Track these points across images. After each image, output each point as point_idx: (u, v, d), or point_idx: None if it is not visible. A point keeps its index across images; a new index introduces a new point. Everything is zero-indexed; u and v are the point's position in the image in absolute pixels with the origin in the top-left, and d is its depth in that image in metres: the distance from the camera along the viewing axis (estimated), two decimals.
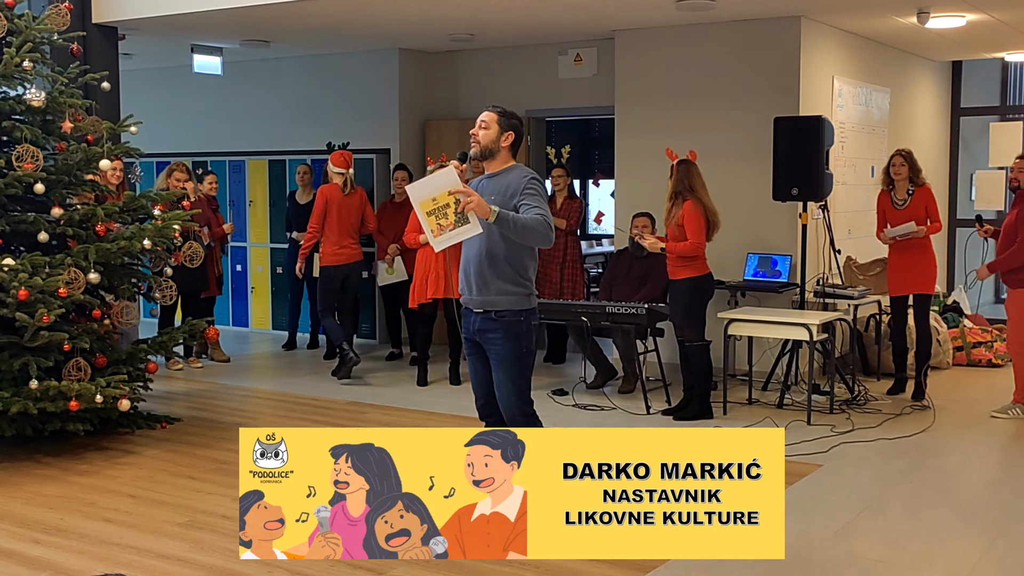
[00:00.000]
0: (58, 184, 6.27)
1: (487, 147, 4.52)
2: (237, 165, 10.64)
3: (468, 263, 4.53)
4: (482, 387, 4.64)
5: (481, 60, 9.95)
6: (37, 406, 5.79)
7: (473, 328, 4.56)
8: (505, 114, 4.55)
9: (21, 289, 5.63)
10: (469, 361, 4.68)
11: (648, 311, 7.14)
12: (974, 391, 7.83)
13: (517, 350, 4.49)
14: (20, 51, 6.13)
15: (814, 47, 8.19)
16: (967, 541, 4.65)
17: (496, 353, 4.50)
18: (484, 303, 4.49)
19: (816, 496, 5.29)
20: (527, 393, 4.55)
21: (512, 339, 4.47)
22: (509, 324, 4.46)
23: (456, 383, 8.05)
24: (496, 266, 4.45)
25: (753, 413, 7.07)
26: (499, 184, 4.49)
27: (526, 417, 4.52)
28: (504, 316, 4.46)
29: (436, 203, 4.26)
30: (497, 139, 4.51)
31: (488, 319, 4.49)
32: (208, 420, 7.00)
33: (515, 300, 4.47)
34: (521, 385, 4.52)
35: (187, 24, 8.33)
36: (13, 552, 4.53)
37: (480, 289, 4.49)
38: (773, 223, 8.06)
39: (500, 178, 4.51)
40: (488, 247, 4.45)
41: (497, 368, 4.52)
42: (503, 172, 4.53)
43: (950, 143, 11.34)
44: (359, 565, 4.32)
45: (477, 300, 4.51)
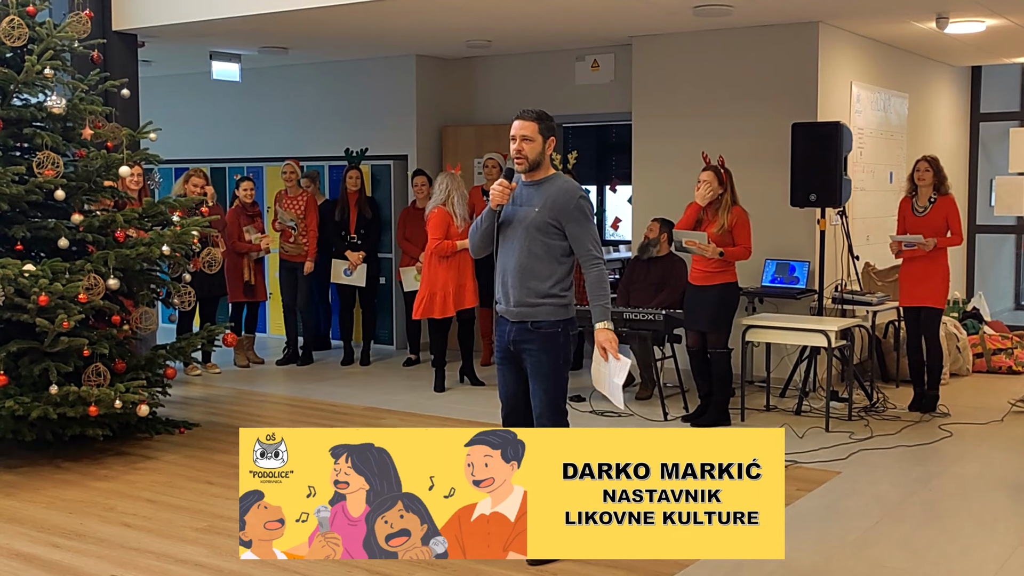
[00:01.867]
0: (78, 190, 6.31)
1: (535, 160, 4.41)
2: (255, 171, 10.67)
3: (505, 274, 4.44)
4: (509, 397, 4.57)
5: (498, 66, 9.96)
6: (57, 411, 5.83)
7: (508, 338, 4.46)
8: (542, 118, 4.42)
9: (41, 295, 5.66)
10: (499, 370, 4.58)
11: (666, 317, 7.12)
12: (994, 398, 7.78)
13: (554, 361, 4.41)
14: (41, 59, 6.17)
15: (832, 52, 8.17)
16: (987, 549, 4.62)
17: (532, 364, 4.42)
18: (521, 314, 4.40)
19: (834, 503, 5.26)
20: (562, 405, 4.46)
21: (549, 351, 4.39)
22: (546, 336, 4.38)
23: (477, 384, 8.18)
24: (534, 277, 4.38)
25: (771, 420, 7.05)
26: (543, 194, 4.39)
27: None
28: (541, 327, 4.38)
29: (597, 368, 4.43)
30: (543, 150, 4.42)
31: (524, 330, 4.40)
32: (226, 425, 7.02)
33: (552, 311, 4.39)
34: (556, 397, 4.43)
35: (206, 31, 8.37)
36: (33, 556, 4.55)
37: (517, 300, 4.41)
38: (791, 229, 8.04)
39: (544, 187, 4.42)
40: (525, 258, 4.38)
41: (533, 379, 4.44)
42: (546, 181, 4.43)
43: (969, 148, 11.28)
44: (376, 570, 4.32)
45: (514, 311, 4.42)
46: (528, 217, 4.38)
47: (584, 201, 4.40)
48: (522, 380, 4.50)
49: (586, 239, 4.39)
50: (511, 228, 4.41)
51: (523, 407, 4.52)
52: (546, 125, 4.42)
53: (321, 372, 8.97)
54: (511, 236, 4.42)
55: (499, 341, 4.54)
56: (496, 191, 4.38)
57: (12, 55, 6.35)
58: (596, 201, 14.87)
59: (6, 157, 6.18)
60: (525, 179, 4.47)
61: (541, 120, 4.41)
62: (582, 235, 4.38)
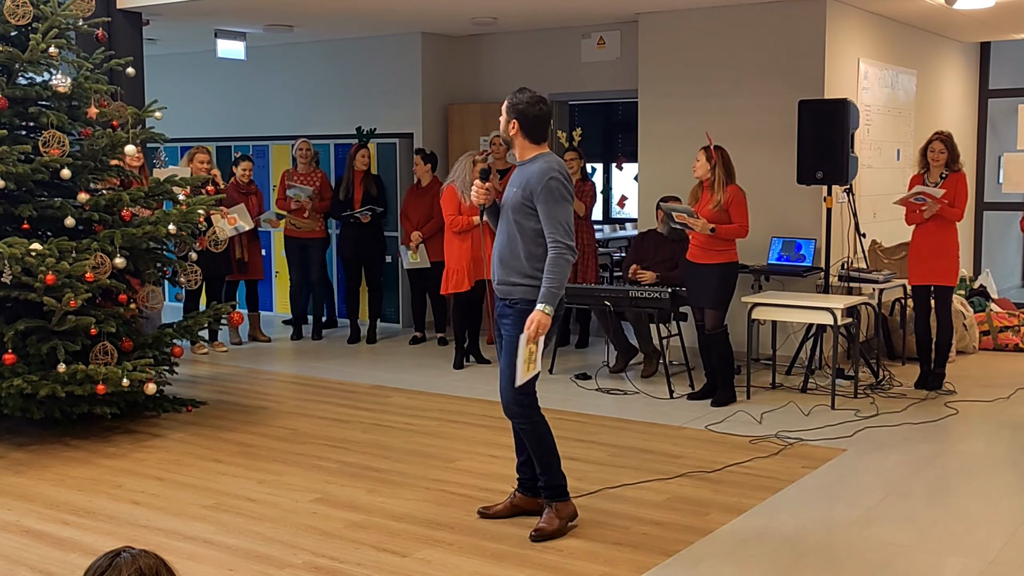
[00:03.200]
0: (84, 169, 6.31)
1: (504, 139, 4.56)
2: (261, 150, 10.67)
3: (495, 251, 4.55)
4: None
5: (504, 44, 9.93)
6: (65, 389, 5.85)
7: (496, 313, 4.59)
8: (513, 99, 4.42)
9: (48, 274, 5.68)
10: (496, 344, 4.70)
11: (672, 295, 7.12)
12: (1000, 376, 7.78)
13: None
14: (46, 37, 6.16)
15: (839, 29, 8.13)
16: (992, 527, 4.62)
17: (505, 340, 4.51)
18: (503, 290, 4.51)
19: (840, 481, 5.27)
20: (528, 383, 4.45)
21: (519, 328, 4.40)
22: (520, 313, 4.42)
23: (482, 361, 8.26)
24: (514, 256, 4.44)
25: (777, 397, 7.06)
26: (522, 176, 4.43)
27: (520, 407, 4.47)
28: (517, 304, 4.45)
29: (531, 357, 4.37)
30: (506, 128, 4.48)
31: (505, 305, 4.50)
32: (233, 404, 7.05)
33: (528, 291, 4.41)
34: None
35: (211, 9, 8.35)
36: (43, 533, 4.58)
37: (500, 276, 4.51)
38: (797, 207, 8.02)
39: (524, 168, 4.45)
40: (508, 237, 4.47)
41: (503, 355, 4.52)
42: (528, 162, 4.46)
43: (978, 125, 11.23)
44: (384, 547, 4.35)
45: (499, 288, 4.54)
46: (512, 200, 4.45)
47: (554, 182, 4.32)
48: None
49: (549, 220, 4.32)
50: (502, 209, 4.53)
51: None
52: (512, 107, 4.41)
53: (328, 350, 8.99)
54: (501, 218, 4.54)
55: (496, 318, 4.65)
56: (474, 194, 4.54)
57: (17, 34, 6.35)
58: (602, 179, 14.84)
59: (12, 136, 6.17)
60: (518, 160, 4.55)
61: (511, 100, 4.44)
62: (546, 215, 4.33)
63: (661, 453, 5.76)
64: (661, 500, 4.96)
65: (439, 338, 9.16)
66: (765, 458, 5.64)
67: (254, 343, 9.32)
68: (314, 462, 5.64)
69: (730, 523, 4.65)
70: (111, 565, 1.95)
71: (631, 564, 4.17)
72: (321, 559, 4.24)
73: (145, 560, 1.96)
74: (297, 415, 6.71)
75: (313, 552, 4.32)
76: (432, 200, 8.87)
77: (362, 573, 4.10)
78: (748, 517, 4.73)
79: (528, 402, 4.49)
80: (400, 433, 6.24)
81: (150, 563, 1.97)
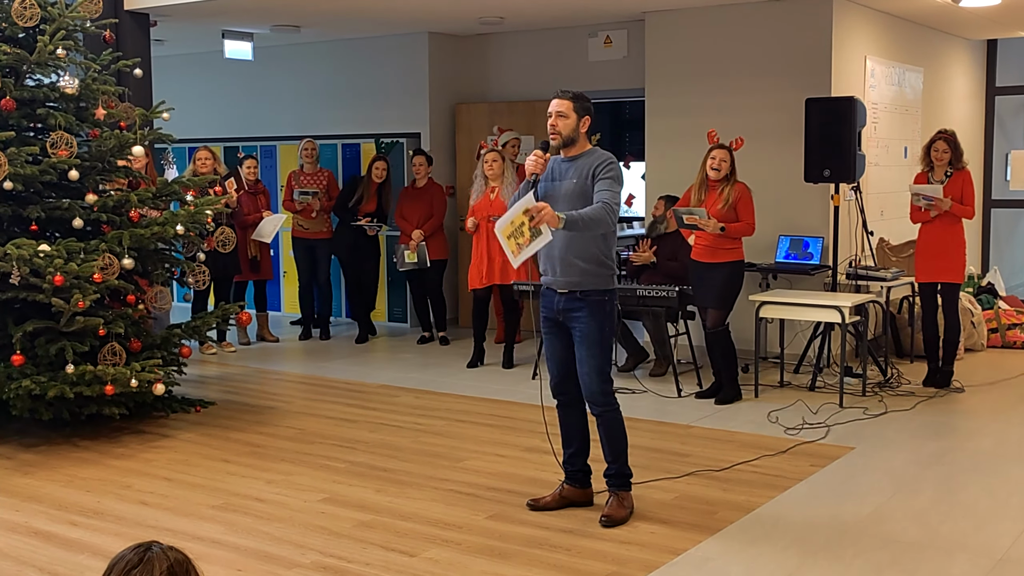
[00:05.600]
0: (92, 171, 6.33)
1: (568, 136, 4.62)
2: (268, 150, 10.69)
3: (552, 246, 4.57)
4: (559, 365, 4.75)
5: (511, 43, 9.93)
6: (74, 390, 5.86)
7: (556, 307, 4.65)
8: (578, 98, 4.64)
9: (57, 275, 5.69)
10: (546, 340, 4.77)
11: (679, 294, 7.12)
12: (1008, 373, 7.76)
13: (600, 329, 4.59)
14: (53, 39, 6.17)
15: (846, 27, 8.12)
16: (1001, 524, 4.61)
17: (580, 332, 4.59)
18: (569, 283, 4.59)
19: (849, 479, 5.26)
20: (608, 372, 4.64)
21: (596, 318, 4.57)
22: (594, 304, 4.57)
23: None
24: (582, 248, 4.54)
25: (785, 396, 7.05)
26: (580, 167, 4.58)
27: (604, 396, 4.63)
28: (589, 296, 4.57)
29: (513, 225, 4.41)
30: (576, 127, 4.62)
31: (573, 299, 4.59)
32: (242, 404, 7.06)
33: (599, 280, 4.58)
34: (602, 363, 4.61)
35: (218, 10, 8.36)
36: (52, 534, 4.59)
37: (565, 270, 4.59)
38: (805, 205, 8.01)
39: (581, 161, 4.60)
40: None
41: (580, 346, 4.61)
42: (584, 155, 4.62)
43: (985, 122, 11.20)
44: (392, 547, 4.35)
45: (562, 281, 4.61)
46: (568, 190, 4.57)
47: (613, 163, 4.57)
48: (570, 347, 4.69)
49: (607, 191, 4.50)
50: (552, 201, 4.53)
51: (573, 373, 4.71)
52: (581, 104, 4.65)
53: (336, 350, 9.00)
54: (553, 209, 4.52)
55: (546, 311, 4.73)
56: (530, 161, 4.58)
57: (25, 35, 6.36)
58: None
59: (20, 138, 6.19)
60: (563, 155, 4.68)
61: (576, 99, 4.63)
62: (605, 188, 4.51)
63: (669, 452, 5.75)
64: (669, 499, 4.95)
65: (441, 337, 9.16)
66: (773, 456, 5.64)
67: (262, 343, 9.33)
68: (322, 462, 5.64)
69: (738, 521, 4.64)
70: (142, 560, 1.93)
71: (639, 563, 4.17)
72: (329, 559, 4.25)
73: (175, 555, 1.96)
74: (305, 415, 6.72)
75: (321, 552, 4.32)
76: (431, 200, 8.89)
77: (370, 573, 4.10)
78: (757, 515, 4.73)
79: (610, 388, 4.65)
80: (408, 433, 6.25)
81: (180, 558, 1.97)
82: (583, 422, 4.84)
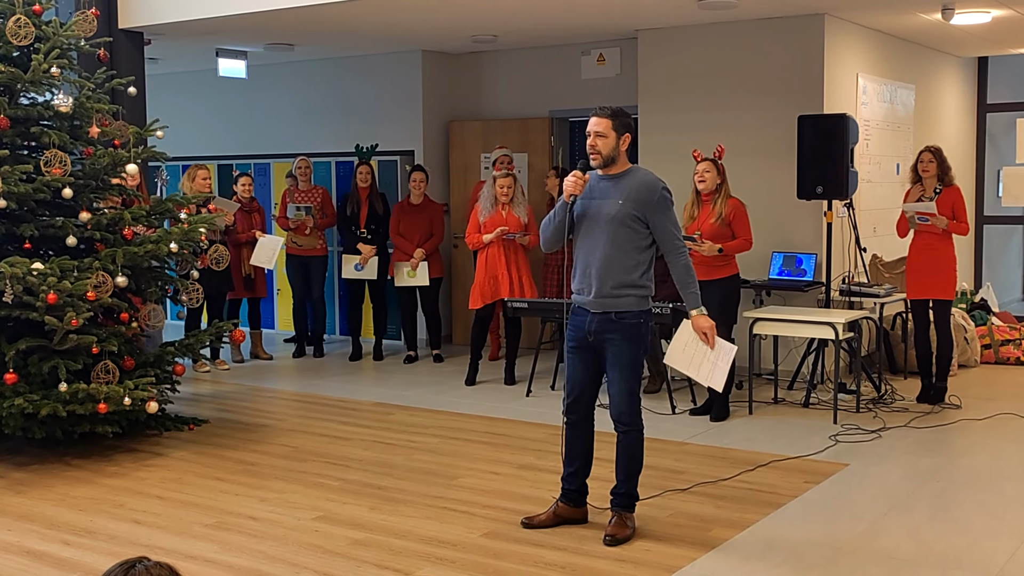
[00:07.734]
0: (86, 189, 6.33)
1: (609, 156, 4.57)
2: (262, 167, 10.70)
3: (589, 265, 4.57)
4: (578, 385, 4.71)
5: (504, 61, 9.96)
6: (67, 408, 5.85)
7: (588, 328, 4.60)
8: (617, 115, 4.59)
9: (50, 293, 5.68)
10: (569, 359, 4.72)
11: (672, 310, 7.12)
12: (1002, 389, 7.77)
13: (634, 351, 4.57)
14: (48, 57, 6.18)
15: (838, 44, 8.16)
16: (996, 541, 4.61)
17: (614, 354, 4.57)
18: (604, 304, 4.55)
19: (842, 495, 5.26)
20: (638, 392, 4.63)
21: (631, 340, 4.55)
22: (629, 326, 4.54)
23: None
24: (619, 268, 4.52)
25: (779, 412, 7.05)
26: (623, 188, 4.54)
27: (632, 416, 4.62)
28: (624, 318, 4.54)
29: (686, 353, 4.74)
30: (617, 145, 4.57)
31: (608, 320, 4.55)
32: (235, 422, 7.04)
33: (635, 301, 4.55)
34: (634, 385, 4.60)
35: (212, 28, 8.38)
36: (44, 553, 4.57)
37: (600, 290, 4.55)
38: (798, 222, 8.03)
39: (623, 181, 4.56)
40: (610, 250, 4.52)
41: (612, 368, 4.59)
42: (625, 174, 4.59)
43: (976, 139, 11.25)
44: (386, 565, 4.34)
45: (596, 302, 4.57)
46: (611, 211, 4.52)
47: (666, 192, 4.57)
48: (593, 369, 4.67)
49: (671, 229, 4.56)
50: (591, 221, 4.54)
51: (588, 395, 4.71)
52: (621, 122, 4.59)
53: (330, 368, 8.99)
54: (592, 228, 4.56)
55: (575, 331, 4.67)
56: (569, 182, 4.57)
57: (19, 54, 6.37)
58: None
59: (13, 156, 6.19)
60: (601, 173, 4.62)
61: (615, 117, 4.58)
62: (667, 225, 4.55)
63: (663, 468, 5.75)
64: (664, 516, 4.95)
65: (434, 355, 9.15)
66: (768, 473, 5.64)
67: (256, 361, 9.32)
68: (316, 480, 5.63)
69: (733, 538, 4.64)
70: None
71: None
72: None
73: (159, 571, 1.96)
74: (299, 433, 6.71)
75: (315, 570, 4.31)
76: (429, 217, 8.89)
77: None
78: (751, 532, 4.72)
79: (638, 408, 4.65)
80: (402, 450, 6.23)
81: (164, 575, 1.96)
82: (590, 443, 4.82)
